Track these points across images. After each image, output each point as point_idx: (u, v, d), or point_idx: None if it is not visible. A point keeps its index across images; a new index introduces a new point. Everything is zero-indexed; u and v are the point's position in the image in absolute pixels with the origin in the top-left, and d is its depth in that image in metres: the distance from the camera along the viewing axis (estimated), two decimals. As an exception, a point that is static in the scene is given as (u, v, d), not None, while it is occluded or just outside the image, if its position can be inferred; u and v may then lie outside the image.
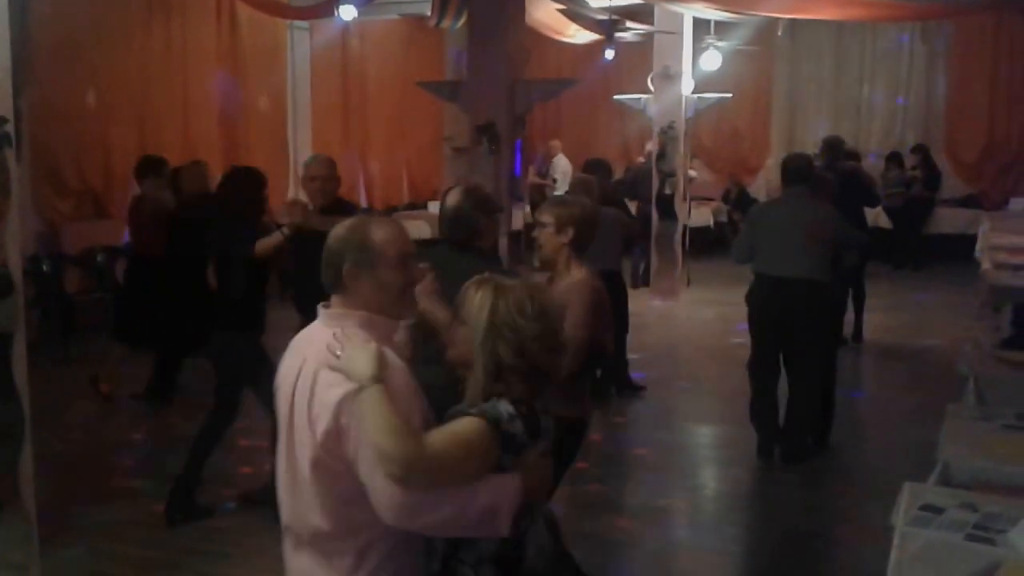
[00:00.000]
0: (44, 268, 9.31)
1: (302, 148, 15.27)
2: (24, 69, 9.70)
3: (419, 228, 15.29)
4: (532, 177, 16.87)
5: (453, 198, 4.72)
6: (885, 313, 12.32)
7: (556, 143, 17.57)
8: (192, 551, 5.94)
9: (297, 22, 14.75)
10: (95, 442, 8.03)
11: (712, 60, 16.21)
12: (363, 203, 16.76)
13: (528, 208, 14.22)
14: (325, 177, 6.50)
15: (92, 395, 8.79)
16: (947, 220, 16.62)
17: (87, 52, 11.52)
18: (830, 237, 7.22)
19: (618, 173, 19.43)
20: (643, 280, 14.84)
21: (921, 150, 16.86)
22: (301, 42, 15.32)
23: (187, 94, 13.13)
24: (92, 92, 11.68)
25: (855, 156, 12.29)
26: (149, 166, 9.00)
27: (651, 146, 15.24)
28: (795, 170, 7.45)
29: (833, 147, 10.76)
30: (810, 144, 15.95)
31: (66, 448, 7.66)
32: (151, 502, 6.54)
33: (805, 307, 7.11)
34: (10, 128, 4.65)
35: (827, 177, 8.13)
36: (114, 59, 11.94)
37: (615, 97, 17.05)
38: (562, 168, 16.97)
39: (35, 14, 10.55)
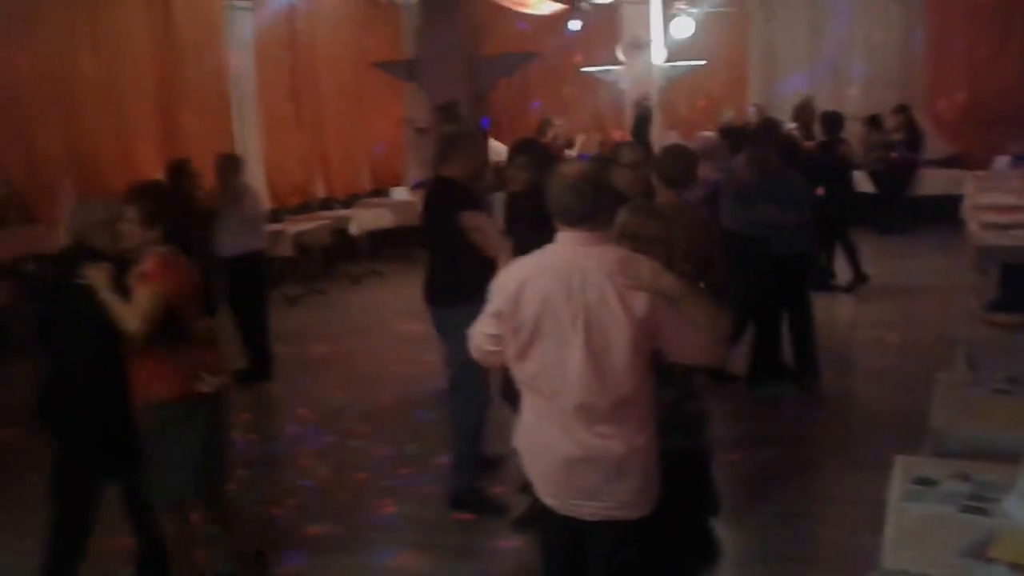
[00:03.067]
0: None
1: (249, 136, 15.00)
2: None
3: (382, 216, 15.21)
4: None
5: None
6: (872, 280, 12.38)
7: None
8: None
9: (237, 1, 14.53)
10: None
11: (683, 27, 16.27)
12: (321, 191, 16.61)
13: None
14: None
15: None
16: (931, 182, 16.66)
17: (2, 49, 11.17)
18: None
19: (594, 148, 19.53)
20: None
21: (903, 111, 16.91)
22: (243, 22, 14.93)
23: (118, 84, 12.76)
24: (11, 91, 11.28)
25: (839, 119, 12.36)
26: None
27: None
28: None
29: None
30: (787, 109, 15.96)
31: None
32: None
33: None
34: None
35: None
36: (32, 49, 11.50)
37: (583, 70, 17.06)
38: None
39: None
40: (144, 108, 13.19)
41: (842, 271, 12.38)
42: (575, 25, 18.26)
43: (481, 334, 4.05)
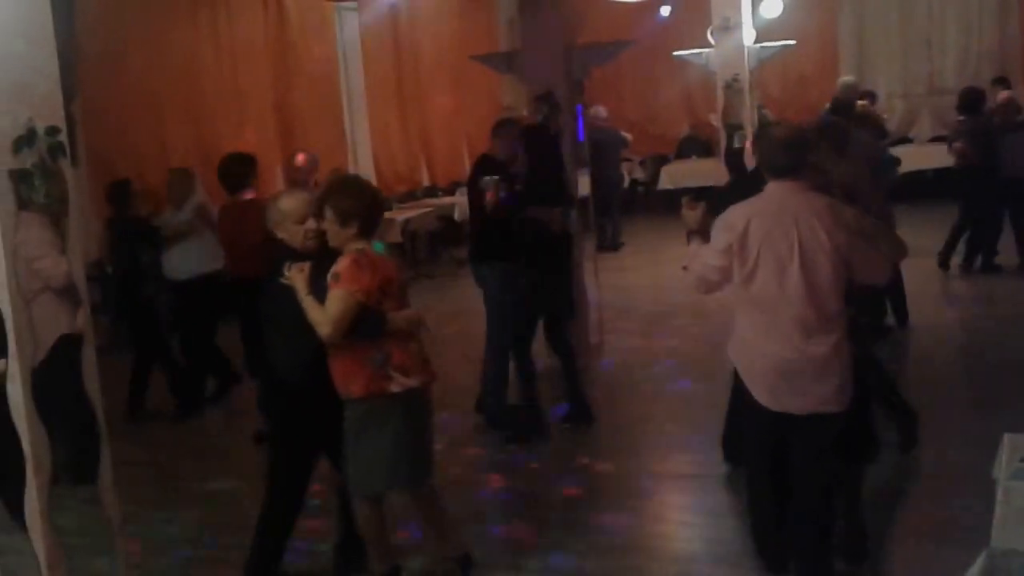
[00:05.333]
0: (108, 272, 9.36)
1: (359, 130, 15.32)
2: (73, 74, 9.77)
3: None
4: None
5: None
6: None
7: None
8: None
9: (344, 2, 14.75)
10: (173, 445, 8.15)
11: (773, 7, 15.99)
12: (425, 180, 16.76)
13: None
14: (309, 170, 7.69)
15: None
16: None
17: (135, 51, 11.59)
18: None
19: (684, 130, 19.34)
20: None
21: (1003, 82, 16.28)
22: (350, 22, 15.27)
23: (239, 85, 13.17)
24: (143, 91, 11.75)
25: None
26: (250, 164, 8.06)
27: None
28: None
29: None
30: (881, 85, 15.60)
31: (144, 453, 7.76)
32: (237, 503, 6.62)
33: None
34: (63, 137, 4.68)
35: None
36: (163, 56, 11.99)
37: (675, 53, 16.87)
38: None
39: (80, 18, 10.63)
40: (262, 105, 13.53)
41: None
42: (666, 10, 18.08)
43: (706, 266, 4.92)
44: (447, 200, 15.69)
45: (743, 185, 5.79)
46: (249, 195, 7.68)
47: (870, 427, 5.49)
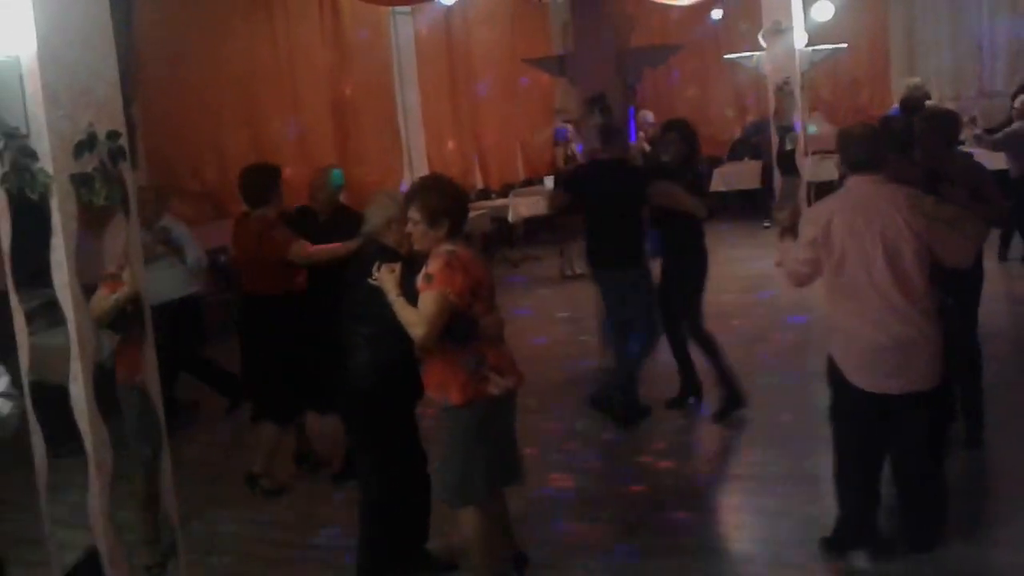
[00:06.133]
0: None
1: (413, 134, 15.36)
2: (132, 78, 9.83)
3: (536, 204, 15.23)
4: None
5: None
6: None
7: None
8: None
9: (399, 7, 14.78)
10: (231, 444, 8.19)
11: (824, 10, 15.84)
12: (479, 183, 16.77)
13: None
14: (318, 187, 7.07)
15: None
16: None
17: (194, 56, 11.65)
18: None
19: (736, 133, 19.20)
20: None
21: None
22: (404, 27, 15.32)
23: (295, 89, 13.23)
24: (201, 95, 11.80)
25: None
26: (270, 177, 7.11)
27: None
28: None
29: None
30: (932, 87, 15.40)
31: (202, 452, 7.79)
32: (295, 501, 6.65)
33: None
34: (123, 141, 4.69)
35: None
36: (220, 60, 12.05)
37: (726, 56, 16.78)
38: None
39: (138, 23, 10.70)
40: (318, 109, 13.56)
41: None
42: (717, 14, 17.97)
43: (796, 260, 5.21)
44: (500, 202, 15.68)
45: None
46: (270, 209, 6.88)
47: (953, 396, 5.77)
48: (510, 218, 15.12)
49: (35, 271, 4.57)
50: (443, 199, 4.80)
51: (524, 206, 15.34)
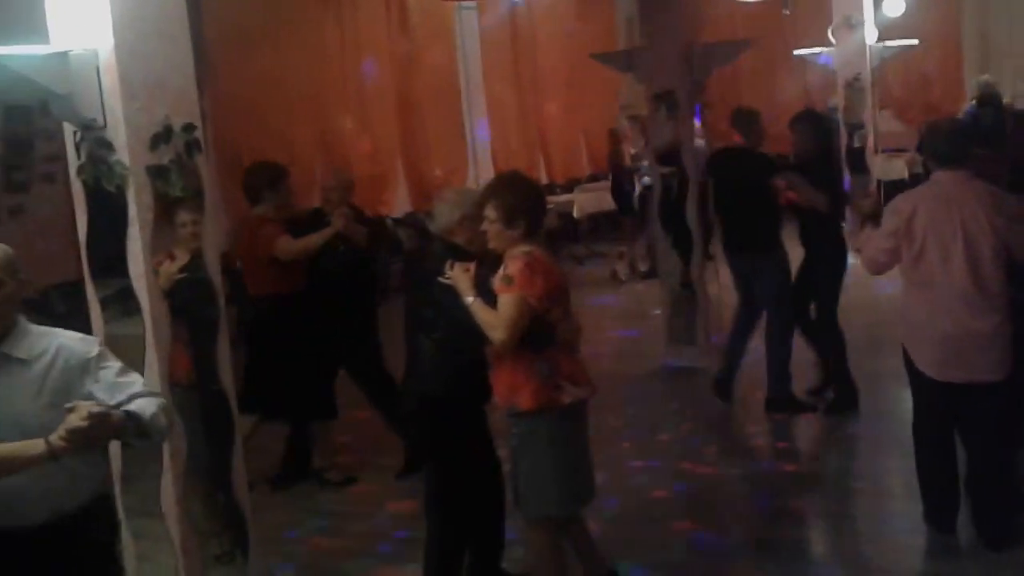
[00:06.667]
0: (237, 265, 9.45)
1: (478, 127, 15.40)
2: (203, 69, 9.91)
3: (601, 199, 15.21)
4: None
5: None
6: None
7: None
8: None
9: (464, 2, 14.82)
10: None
11: (896, 6, 15.62)
12: (543, 178, 16.74)
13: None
14: (333, 187, 7.14)
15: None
16: None
17: (262, 49, 11.76)
18: None
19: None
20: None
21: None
22: (469, 21, 15.34)
23: (361, 83, 13.31)
24: (270, 88, 11.90)
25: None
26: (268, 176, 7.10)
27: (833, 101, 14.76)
28: None
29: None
30: (1006, 85, 15.12)
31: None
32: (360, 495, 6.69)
33: None
34: (199, 134, 4.74)
35: None
36: (289, 54, 12.16)
37: (795, 52, 16.59)
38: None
39: (208, 15, 10.80)
40: (384, 102, 13.63)
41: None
42: (786, 9, 17.77)
43: (877, 248, 5.36)
44: (565, 198, 15.65)
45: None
46: (267, 208, 6.91)
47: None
48: (575, 213, 15.10)
49: (109, 261, 4.63)
50: (521, 198, 4.66)
51: (590, 201, 15.33)
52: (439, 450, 5.03)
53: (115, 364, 3.53)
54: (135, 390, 3.46)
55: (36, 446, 3.17)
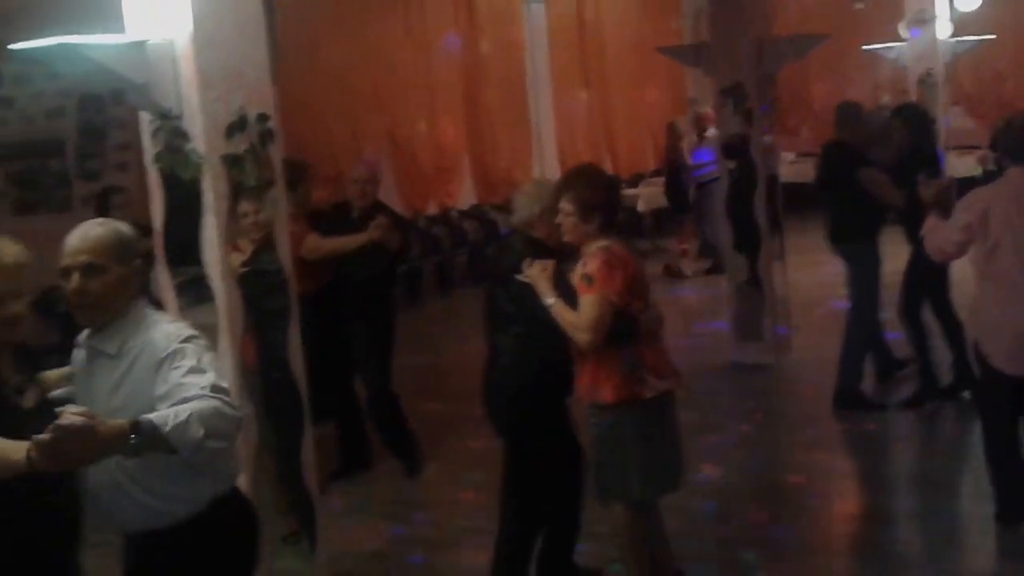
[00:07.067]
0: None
1: (543, 121, 15.33)
2: (272, 64, 9.99)
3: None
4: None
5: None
6: None
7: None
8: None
9: (533, -5, 14.87)
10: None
11: (969, 0, 15.38)
12: (609, 171, 16.70)
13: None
14: (365, 180, 6.89)
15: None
16: None
17: (331, 41, 11.85)
18: None
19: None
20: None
21: None
22: (536, 14, 15.30)
23: (429, 74, 13.36)
24: (338, 80, 12.00)
25: None
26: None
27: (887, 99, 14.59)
28: None
29: None
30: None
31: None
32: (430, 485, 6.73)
33: None
34: (272, 124, 4.78)
35: None
36: (356, 46, 12.24)
37: (865, 47, 16.38)
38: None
39: (279, 8, 10.89)
40: (451, 95, 13.69)
41: None
42: (859, 4, 17.56)
43: (947, 240, 5.37)
44: (630, 192, 15.60)
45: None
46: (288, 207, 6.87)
47: None
48: (639, 208, 15.05)
49: (184, 249, 4.69)
50: (598, 191, 4.62)
51: (655, 196, 15.28)
52: (520, 442, 4.98)
53: (187, 363, 3.08)
54: (189, 393, 2.97)
55: (18, 451, 2.74)
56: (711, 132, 13.01)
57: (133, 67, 4.46)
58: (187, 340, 3.17)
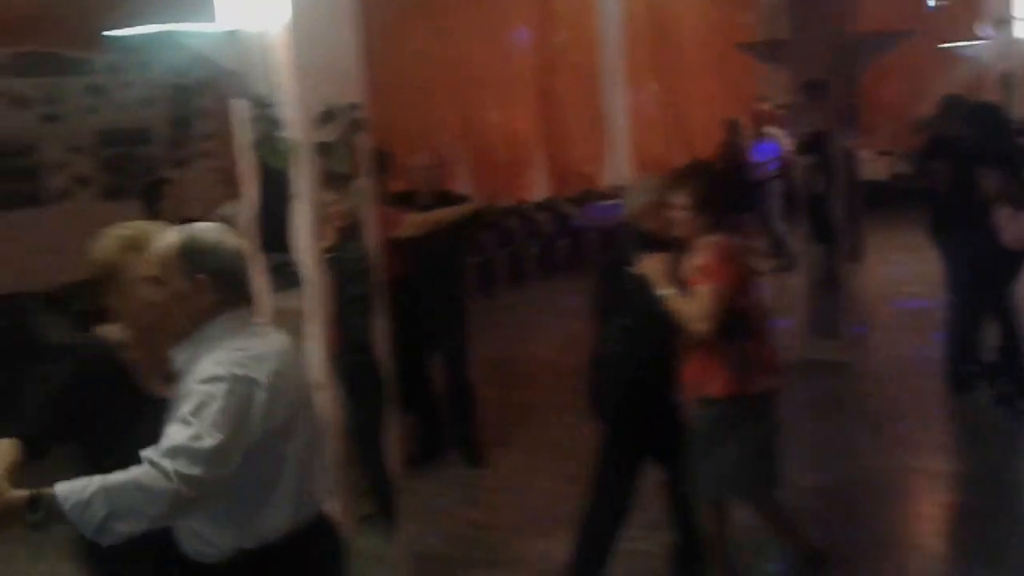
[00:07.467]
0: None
1: (617, 114, 15.32)
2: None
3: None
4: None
5: None
6: None
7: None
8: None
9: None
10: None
11: (1050, 0, 15.13)
12: (682, 163, 16.63)
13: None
14: (429, 167, 6.96)
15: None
16: None
17: (410, 35, 11.92)
18: None
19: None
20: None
21: None
22: (611, 7, 15.26)
23: (504, 66, 13.41)
24: (415, 73, 12.06)
25: None
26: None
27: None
28: None
29: None
30: None
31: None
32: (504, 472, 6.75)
33: None
34: (361, 113, 4.85)
35: None
36: (435, 38, 12.31)
37: (941, 46, 16.17)
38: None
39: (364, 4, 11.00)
40: (526, 88, 13.72)
41: None
42: (934, 1, 17.36)
43: None
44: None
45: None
46: None
47: None
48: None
49: (275, 234, 4.79)
50: (712, 187, 4.67)
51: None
52: (620, 432, 4.96)
53: (185, 408, 2.67)
54: (155, 448, 2.61)
55: None
56: (771, 130, 12.99)
57: (229, 55, 4.56)
58: (208, 381, 2.71)
